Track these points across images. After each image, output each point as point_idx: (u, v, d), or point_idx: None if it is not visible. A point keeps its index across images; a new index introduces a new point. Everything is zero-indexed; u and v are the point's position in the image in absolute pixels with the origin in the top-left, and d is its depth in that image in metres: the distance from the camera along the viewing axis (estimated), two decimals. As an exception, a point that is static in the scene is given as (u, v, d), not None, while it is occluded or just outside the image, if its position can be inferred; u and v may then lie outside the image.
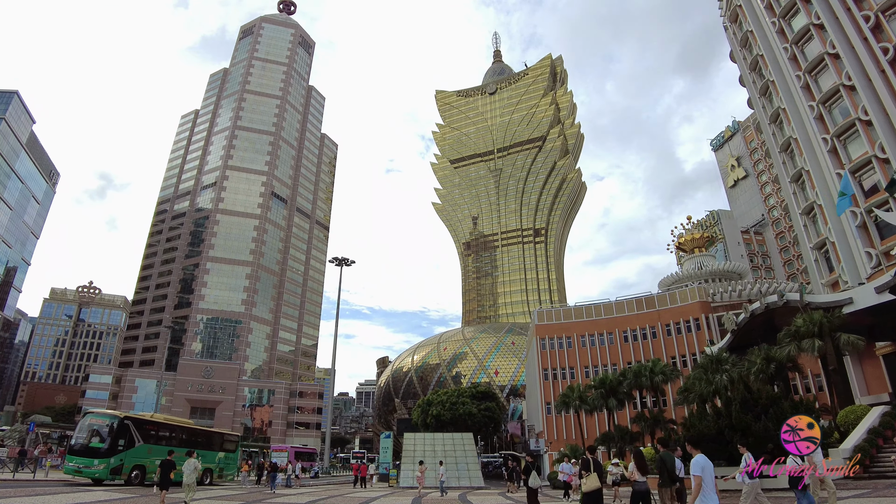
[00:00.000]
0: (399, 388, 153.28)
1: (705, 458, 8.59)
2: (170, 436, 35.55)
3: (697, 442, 9.77)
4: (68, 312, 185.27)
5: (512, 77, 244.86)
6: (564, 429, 68.06)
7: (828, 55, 46.24)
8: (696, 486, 8.30)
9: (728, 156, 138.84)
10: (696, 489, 8.31)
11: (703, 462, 8.51)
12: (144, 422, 33.97)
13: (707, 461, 8.62)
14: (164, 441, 34.09)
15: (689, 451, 9.25)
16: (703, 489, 8.31)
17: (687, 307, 65.91)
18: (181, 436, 36.94)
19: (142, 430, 32.72)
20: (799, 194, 50.65)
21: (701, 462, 8.52)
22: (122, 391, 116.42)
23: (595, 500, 13.47)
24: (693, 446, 9.50)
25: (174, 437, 35.91)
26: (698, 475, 8.37)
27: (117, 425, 30.98)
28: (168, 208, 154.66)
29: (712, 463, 18.72)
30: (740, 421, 21.08)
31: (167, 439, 34.73)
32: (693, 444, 9.69)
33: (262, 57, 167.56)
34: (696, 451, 8.94)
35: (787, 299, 33.62)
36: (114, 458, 29.96)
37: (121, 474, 30.18)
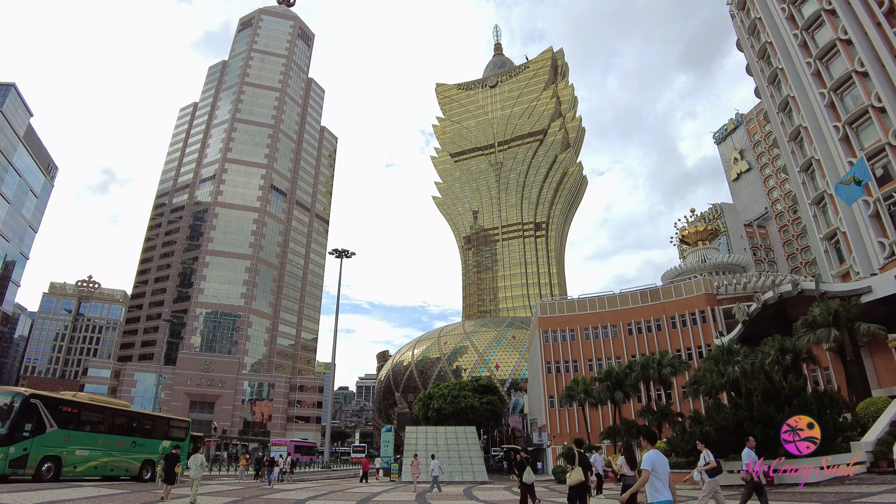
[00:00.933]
0: (399, 382, 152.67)
1: (657, 454, 8.32)
2: (96, 420, 29.78)
3: (654, 437, 9.44)
4: (67, 307, 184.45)
5: (513, 70, 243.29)
6: (567, 422, 67.28)
7: (839, 41, 45.24)
8: (641, 479, 8.11)
9: (731, 149, 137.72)
10: (641, 482, 8.13)
11: (653, 457, 8.23)
12: (59, 402, 27.87)
13: (659, 456, 8.34)
14: (87, 426, 28.82)
15: (644, 445, 9.02)
16: (656, 484, 8.08)
17: (692, 299, 65.02)
18: (112, 420, 30.96)
19: (55, 413, 26.80)
20: (808, 184, 49.70)
21: (651, 457, 8.23)
22: (121, 385, 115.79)
23: (579, 493, 13.45)
24: (648, 441, 9.18)
25: (102, 422, 30.10)
26: (647, 469, 8.10)
27: (20, 405, 24.88)
28: (167, 202, 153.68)
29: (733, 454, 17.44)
30: (762, 413, 20.19)
31: (92, 424, 29.31)
32: (648, 439, 9.29)
33: (262, 49, 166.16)
34: (650, 447, 8.74)
35: (801, 288, 32.73)
36: (15, 446, 23.99)
37: (25, 467, 24.48)
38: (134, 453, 31.80)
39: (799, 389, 21.17)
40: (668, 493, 8.17)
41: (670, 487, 8.24)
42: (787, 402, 20.17)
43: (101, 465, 28.91)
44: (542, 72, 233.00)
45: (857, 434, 21.81)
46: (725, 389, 30.59)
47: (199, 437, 65.62)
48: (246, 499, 21.33)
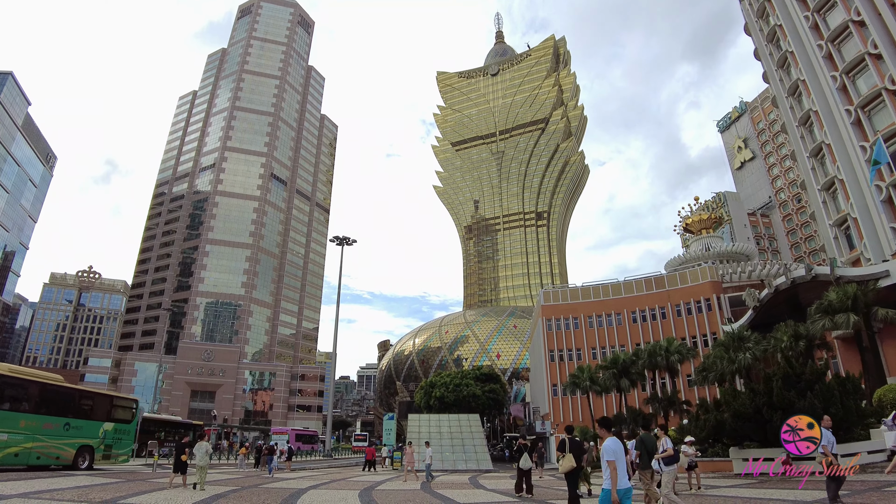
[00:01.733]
0: (400, 371, 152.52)
1: (615, 441, 8.27)
2: (16, 397, 24.24)
3: (609, 424, 9.14)
4: (68, 297, 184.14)
5: (514, 58, 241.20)
6: (571, 411, 66.80)
7: (852, 23, 44.24)
8: (612, 472, 8.01)
9: (735, 137, 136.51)
10: (613, 475, 8.01)
11: (613, 445, 8.19)
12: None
13: (618, 443, 8.26)
14: (6, 404, 23.33)
15: (599, 433, 8.78)
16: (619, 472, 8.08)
17: (697, 287, 64.29)
18: (38, 397, 25.29)
19: None
20: (818, 169, 48.82)
21: (612, 446, 8.20)
22: (122, 375, 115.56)
23: (572, 477, 13.50)
24: (605, 429, 8.96)
25: (25, 399, 24.59)
26: (612, 460, 8.05)
27: None
28: (166, 191, 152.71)
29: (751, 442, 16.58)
30: (783, 398, 19.51)
31: (12, 402, 23.79)
32: (605, 427, 9.04)
33: (261, 36, 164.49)
34: (608, 434, 8.61)
35: (815, 273, 32.01)
36: None
37: None
38: (67, 437, 26.35)
39: (820, 374, 20.51)
40: (626, 480, 8.15)
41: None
42: (809, 388, 19.52)
43: (22, 451, 23.68)
44: (543, 60, 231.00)
45: (874, 422, 21.21)
46: (736, 376, 29.98)
47: (199, 425, 65.34)
48: (245, 488, 20.74)
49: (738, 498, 15.39)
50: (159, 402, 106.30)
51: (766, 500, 14.91)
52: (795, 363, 22.21)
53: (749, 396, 21.39)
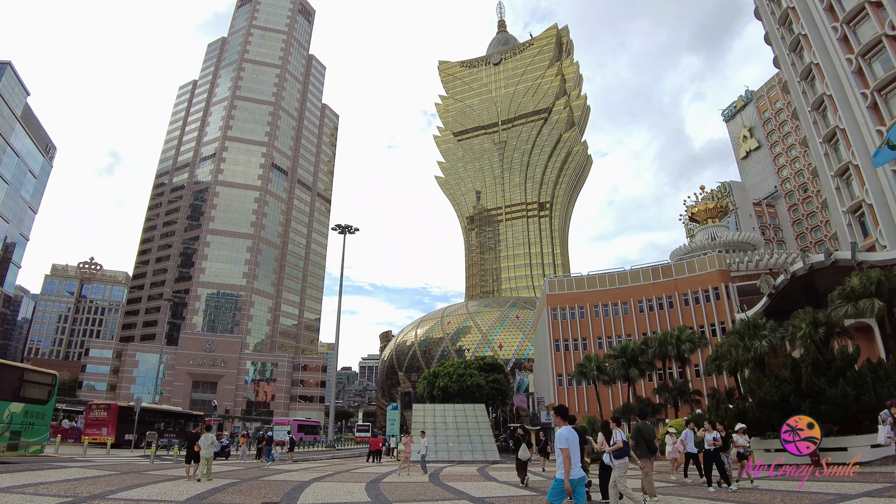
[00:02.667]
0: (402, 361, 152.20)
1: (569, 430, 8.23)
2: None
3: (565, 412, 9.15)
4: (70, 289, 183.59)
5: (517, 47, 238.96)
6: (577, 401, 66.13)
7: (869, 3, 43.04)
8: (564, 460, 7.97)
9: (740, 126, 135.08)
10: (566, 463, 7.96)
11: (567, 434, 8.14)
12: None
13: (571, 432, 8.20)
14: None
15: (556, 422, 8.69)
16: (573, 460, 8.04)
17: (705, 276, 63.34)
18: None
19: None
20: (831, 155, 47.75)
21: (565, 434, 8.14)
22: (123, 366, 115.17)
23: None
24: (560, 417, 8.92)
25: None
26: (565, 448, 8.01)
27: None
28: (167, 181, 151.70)
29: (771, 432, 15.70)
30: (812, 386, 18.61)
31: None
32: (560, 415, 9.01)
33: (261, 25, 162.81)
34: (564, 423, 8.56)
35: (835, 258, 31.08)
36: None
37: None
38: None
39: (852, 360, 19.65)
40: (579, 469, 8.10)
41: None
42: (840, 374, 18.64)
43: None
44: (546, 49, 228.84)
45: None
46: (751, 365, 29.17)
47: (200, 416, 64.71)
48: (246, 480, 19.90)
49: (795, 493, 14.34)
50: (161, 393, 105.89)
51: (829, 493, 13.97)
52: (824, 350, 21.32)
53: (775, 384, 20.53)
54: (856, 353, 21.11)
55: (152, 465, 27.51)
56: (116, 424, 45.05)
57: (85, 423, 46.12)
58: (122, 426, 45.25)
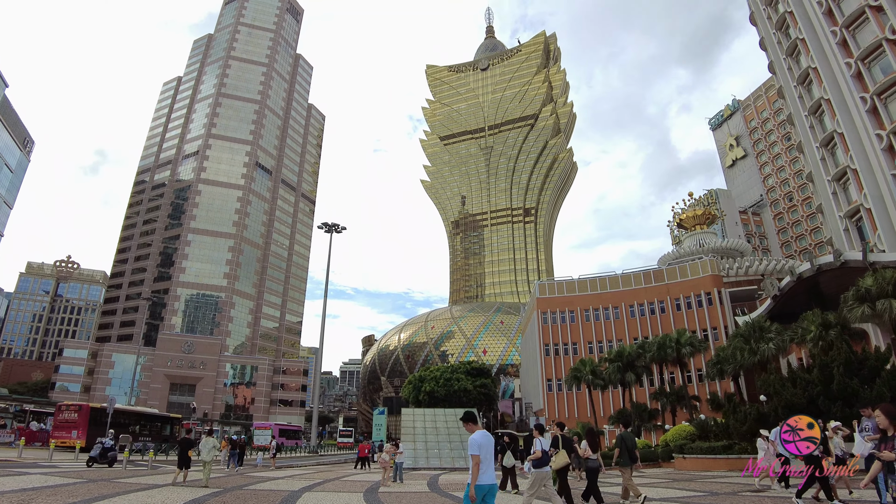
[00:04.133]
0: (385, 366, 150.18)
1: (484, 435, 7.93)
2: None
3: (475, 418, 8.73)
4: (45, 287, 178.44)
5: (504, 53, 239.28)
6: (566, 406, 64.95)
7: (869, 7, 42.76)
8: (474, 466, 7.66)
9: (727, 135, 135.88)
10: (475, 469, 7.66)
11: (480, 439, 7.83)
12: None
13: (485, 437, 7.91)
14: None
15: (467, 428, 8.42)
16: (482, 466, 7.71)
17: (698, 281, 62.74)
18: None
19: None
20: (828, 159, 47.34)
21: (478, 439, 7.84)
22: (99, 366, 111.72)
23: (564, 475, 13.66)
24: (471, 423, 8.54)
25: None
26: (475, 454, 7.70)
27: None
28: (148, 179, 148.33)
29: None
30: (844, 387, 17.61)
31: None
32: (471, 421, 8.63)
33: (249, 23, 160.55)
34: (476, 428, 8.23)
35: (845, 259, 30.29)
36: None
37: None
38: None
39: (885, 359, 18.68)
40: (492, 476, 7.82)
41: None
42: (875, 374, 17.65)
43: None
44: (534, 56, 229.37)
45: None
46: (757, 368, 28.27)
47: (177, 418, 62.40)
48: (229, 490, 18.14)
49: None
50: (137, 395, 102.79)
51: None
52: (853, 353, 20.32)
53: (801, 386, 19.48)
54: (888, 352, 20.14)
55: (124, 471, 25.46)
56: (88, 427, 42.75)
57: (54, 425, 43.73)
58: (93, 429, 42.93)
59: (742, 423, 21.47)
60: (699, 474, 22.99)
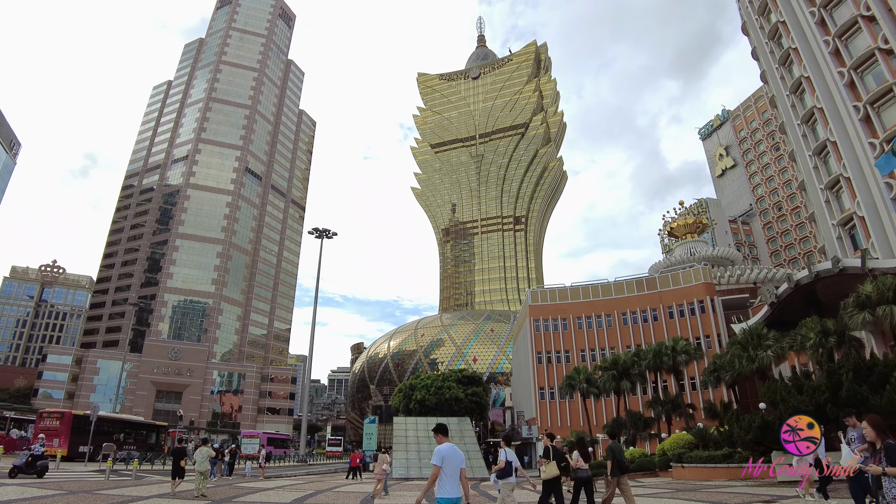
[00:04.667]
0: (374, 374, 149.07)
1: (450, 448, 7.97)
2: None
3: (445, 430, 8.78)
4: (30, 292, 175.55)
5: (496, 62, 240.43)
6: (559, 415, 64.44)
7: (862, 18, 42.99)
8: (431, 476, 7.76)
9: (716, 145, 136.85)
10: (432, 479, 7.75)
11: (444, 451, 7.89)
12: None
13: (452, 451, 7.94)
14: None
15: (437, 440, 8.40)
16: (443, 479, 7.73)
17: (691, 289, 62.62)
18: None
19: None
20: (821, 168, 47.46)
21: (442, 451, 7.90)
22: (83, 373, 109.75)
23: (553, 486, 13.56)
24: (441, 434, 8.55)
25: None
26: (437, 465, 7.78)
27: None
28: (136, 183, 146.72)
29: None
30: (853, 394, 17.30)
31: None
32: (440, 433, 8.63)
33: (241, 28, 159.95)
34: (445, 440, 8.26)
35: (843, 265, 30.15)
36: None
37: None
38: None
39: (893, 366, 18.38)
40: (455, 489, 7.74)
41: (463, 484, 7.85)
42: (885, 381, 17.36)
43: None
44: (525, 65, 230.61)
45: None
46: (755, 376, 27.99)
47: (163, 426, 61.21)
48: (217, 502, 17.40)
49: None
50: (122, 402, 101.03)
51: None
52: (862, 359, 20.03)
53: (808, 393, 19.15)
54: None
55: (107, 481, 24.29)
56: (70, 435, 41.65)
57: (35, 432, 42.43)
58: (76, 437, 41.85)
59: (746, 432, 21.11)
60: (702, 484, 22.55)
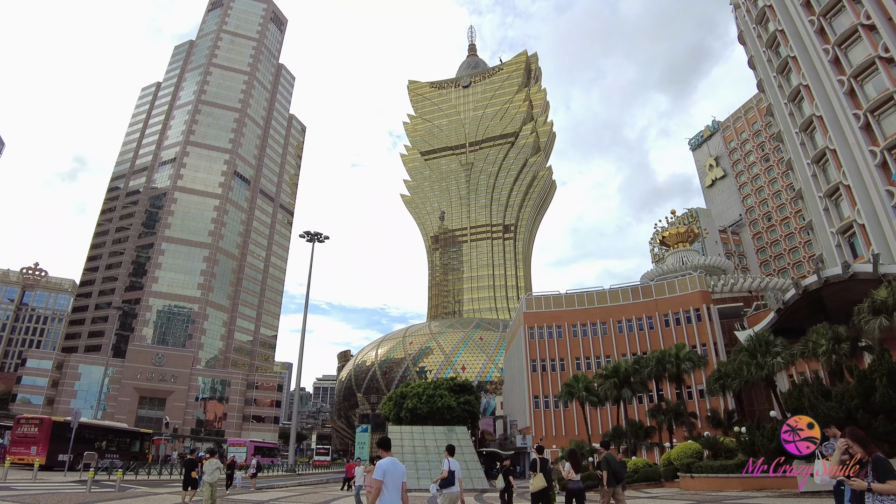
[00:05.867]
0: (362, 382, 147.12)
1: (391, 462, 7.99)
2: None
3: (388, 444, 8.69)
4: (10, 295, 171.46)
5: (487, 71, 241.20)
6: (554, 424, 63.50)
7: (861, 26, 43.11)
8: (375, 490, 7.70)
9: (706, 155, 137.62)
10: (375, 493, 7.70)
11: (386, 466, 7.90)
12: None
13: (393, 465, 7.96)
14: None
15: (380, 454, 8.41)
16: (384, 493, 7.70)
17: (687, 297, 62.21)
18: None
19: None
20: (820, 176, 47.37)
21: (384, 466, 7.91)
22: (64, 378, 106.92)
23: (542, 498, 13.77)
24: (383, 449, 8.47)
25: None
26: (378, 479, 7.78)
27: None
28: (122, 185, 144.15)
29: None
30: (889, 399, 16.64)
31: None
32: (383, 447, 8.54)
33: (232, 30, 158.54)
34: (387, 454, 8.22)
35: (854, 271, 29.70)
36: None
37: None
38: None
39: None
40: (397, 501, 7.79)
41: (403, 498, 7.86)
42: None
43: None
44: (515, 74, 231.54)
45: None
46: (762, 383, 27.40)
47: (148, 434, 59.38)
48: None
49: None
50: (104, 409, 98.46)
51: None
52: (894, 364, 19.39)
53: (837, 399, 18.49)
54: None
55: (88, 493, 22.61)
56: (49, 442, 39.59)
57: (11, 440, 40.48)
58: (55, 444, 39.85)
59: (770, 440, 20.39)
60: (720, 495, 21.71)
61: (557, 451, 54.01)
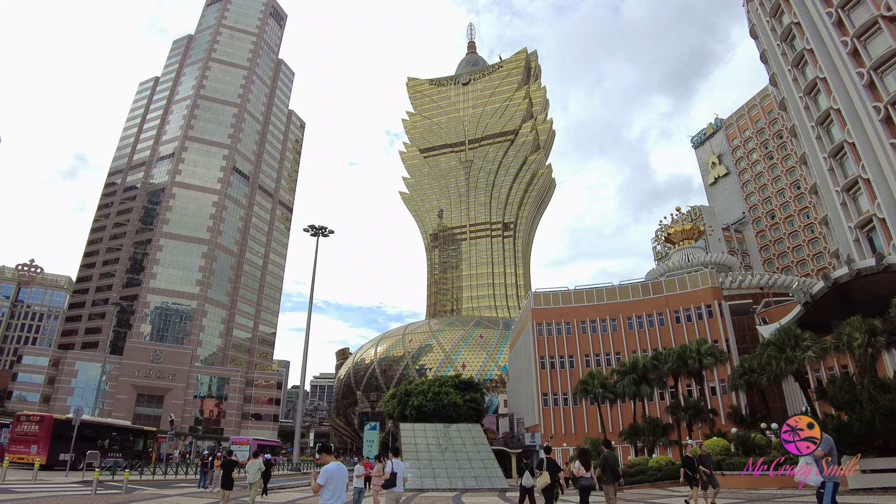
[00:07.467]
0: (361, 380, 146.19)
1: (336, 466, 8.09)
2: None
3: (330, 449, 8.94)
4: (5, 292, 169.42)
5: (486, 69, 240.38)
6: (563, 422, 62.60)
7: (882, 18, 42.24)
8: (315, 492, 7.92)
9: (709, 153, 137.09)
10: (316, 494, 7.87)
11: (330, 471, 8.01)
12: None
13: (338, 469, 8.05)
14: None
15: (323, 458, 8.60)
16: (324, 495, 7.87)
17: (697, 293, 61.42)
18: None
19: None
20: (837, 170, 46.58)
21: (329, 471, 8.01)
22: (60, 375, 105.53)
23: (547, 493, 15.14)
24: (326, 453, 8.77)
25: None
26: (321, 483, 7.91)
27: None
28: (119, 181, 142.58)
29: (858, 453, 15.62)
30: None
31: None
32: (325, 452, 8.89)
33: (231, 25, 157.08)
34: (330, 459, 8.40)
35: (888, 262, 28.84)
36: None
37: None
38: None
39: None
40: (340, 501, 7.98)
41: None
42: None
43: None
44: (515, 72, 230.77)
45: None
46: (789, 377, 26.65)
47: (151, 431, 58.21)
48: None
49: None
50: (101, 406, 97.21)
51: None
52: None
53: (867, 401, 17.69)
54: None
55: (94, 495, 20.93)
56: (50, 441, 38.23)
57: (10, 438, 39.10)
58: (56, 443, 38.55)
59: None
60: (762, 493, 20.86)
61: (568, 449, 53.19)
